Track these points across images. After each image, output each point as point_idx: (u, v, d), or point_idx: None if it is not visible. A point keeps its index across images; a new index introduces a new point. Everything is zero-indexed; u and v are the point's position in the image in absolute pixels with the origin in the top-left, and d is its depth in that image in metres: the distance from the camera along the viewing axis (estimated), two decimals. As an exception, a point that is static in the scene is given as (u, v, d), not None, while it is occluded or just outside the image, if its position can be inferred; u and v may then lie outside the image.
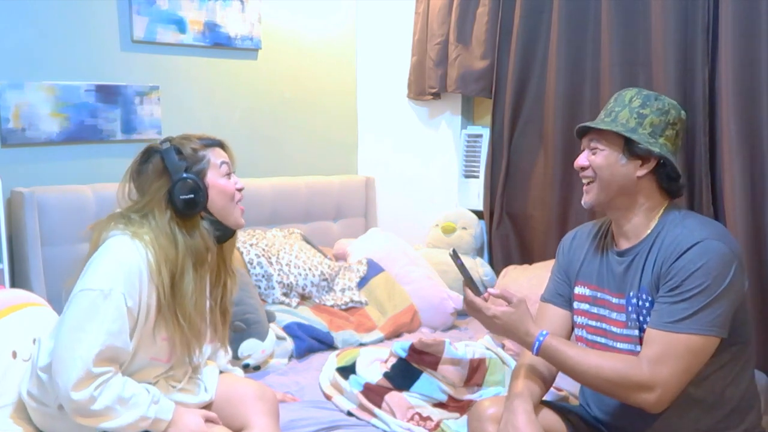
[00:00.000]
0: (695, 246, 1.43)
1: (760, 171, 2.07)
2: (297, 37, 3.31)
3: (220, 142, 1.71)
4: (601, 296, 1.60)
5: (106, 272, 1.51)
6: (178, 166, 1.60)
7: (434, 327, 2.79)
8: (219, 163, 1.66)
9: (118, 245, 1.55)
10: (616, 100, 1.58)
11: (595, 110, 2.56)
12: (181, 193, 1.58)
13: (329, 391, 2.10)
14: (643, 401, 1.41)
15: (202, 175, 1.63)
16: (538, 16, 2.76)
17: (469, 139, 3.17)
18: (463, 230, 3.08)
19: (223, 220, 1.67)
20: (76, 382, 1.44)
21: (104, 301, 1.47)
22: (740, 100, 2.07)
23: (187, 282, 1.59)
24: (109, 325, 1.48)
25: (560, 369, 1.53)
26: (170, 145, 1.62)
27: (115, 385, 1.49)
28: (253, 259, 2.63)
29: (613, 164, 1.53)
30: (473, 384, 2.07)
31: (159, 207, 1.59)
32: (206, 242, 1.63)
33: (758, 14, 2.02)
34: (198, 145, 1.65)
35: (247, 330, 2.27)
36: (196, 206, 1.60)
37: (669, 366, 1.40)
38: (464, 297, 1.58)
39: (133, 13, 2.72)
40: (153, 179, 1.61)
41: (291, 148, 3.35)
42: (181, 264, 1.58)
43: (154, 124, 2.79)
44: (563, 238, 1.79)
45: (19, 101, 2.46)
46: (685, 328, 1.40)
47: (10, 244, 2.41)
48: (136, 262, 1.53)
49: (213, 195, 1.64)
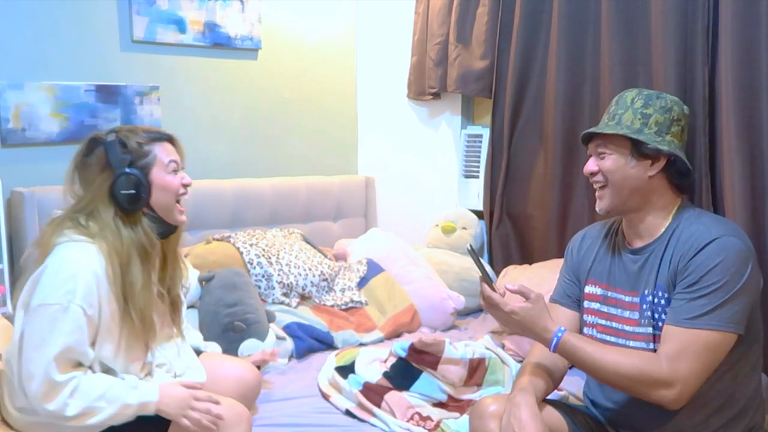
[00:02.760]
0: (713, 242, 1.43)
1: (760, 171, 2.06)
2: (297, 37, 3.31)
3: (169, 137, 1.68)
4: (612, 295, 1.60)
5: (63, 284, 1.48)
6: (121, 159, 1.57)
7: (434, 327, 2.79)
8: (167, 162, 1.63)
9: (71, 254, 1.52)
10: (618, 102, 1.58)
11: (595, 110, 2.57)
12: (123, 188, 1.55)
13: (327, 391, 2.10)
14: (662, 397, 1.41)
15: (147, 171, 1.60)
16: (538, 16, 2.76)
17: (469, 139, 3.17)
18: (463, 230, 3.08)
19: (165, 217, 1.65)
20: (42, 394, 1.44)
21: (63, 314, 1.46)
22: (740, 100, 2.07)
23: (134, 274, 1.57)
24: (66, 338, 1.46)
25: (578, 366, 1.52)
26: (115, 138, 1.59)
27: (86, 385, 1.48)
28: (253, 259, 2.63)
29: (623, 167, 1.53)
30: (473, 384, 2.07)
31: (103, 203, 1.56)
32: (149, 237, 1.61)
33: (758, 14, 2.02)
34: (144, 139, 1.62)
35: (247, 330, 2.27)
36: (137, 202, 1.58)
37: (688, 362, 1.39)
38: (481, 293, 1.55)
39: (133, 13, 2.72)
40: (96, 173, 1.58)
41: (291, 148, 3.35)
42: (127, 257, 1.56)
43: (154, 124, 2.79)
44: (572, 239, 1.80)
45: (19, 101, 2.46)
46: (704, 324, 1.40)
47: (10, 244, 2.41)
48: (92, 269, 1.51)
49: (156, 192, 1.61)
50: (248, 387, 1.86)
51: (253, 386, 1.90)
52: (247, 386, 1.86)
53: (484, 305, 1.56)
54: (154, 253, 1.65)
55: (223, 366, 1.90)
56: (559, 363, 1.63)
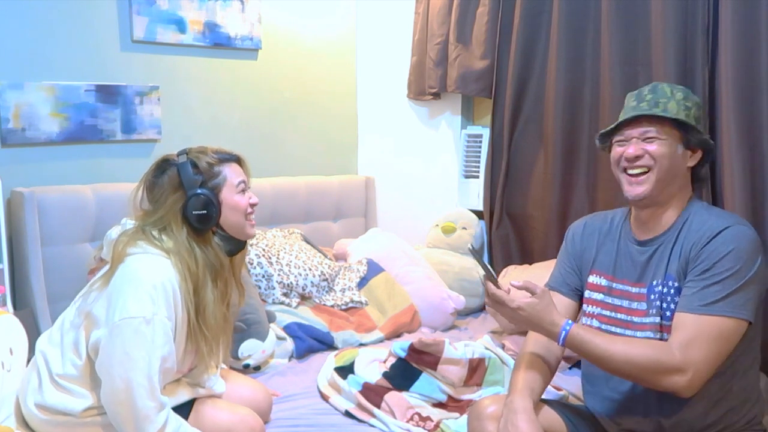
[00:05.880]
0: (726, 230, 1.45)
1: (760, 170, 2.06)
2: (297, 37, 3.31)
3: (237, 157, 1.73)
4: (617, 286, 1.60)
5: (144, 297, 1.50)
6: (193, 180, 1.61)
7: (434, 327, 2.79)
8: (236, 183, 1.68)
9: (149, 266, 1.55)
10: (655, 91, 1.57)
11: (595, 110, 2.57)
12: (195, 209, 1.59)
13: (327, 391, 2.10)
14: (675, 384, 1.40)
15: (217, 191, 1.64)
16: (538, 16, 2.76)
17: (469, 139, 3.17)
18: (463, 230, 3.08)
19: (234, 234, 1.70)
20: (147, 413, 1.47)
21: (148, 326, 1.48)
22: (740, 100, 2.07)
23: (208, 294, 1.61)
24: (161, 350, 1.50)
25: (587, 357, 1.52)
26: (186, 159, 1.63)
27: (173, 425, 1.52)
28: (253, 259, 2.63)
29: (673, 153, 1.54)
30: (473, 384, 2.07)
31: (176, 221, 1.60)
32: (219, 256, 1.66)
33: (758, 14, 2.02)
34: (214, 160, 1.66)
35: (247, 330, 2.27)
36: (209, 222, 1.62)
37: (701, 349, 1.39)
38: (486, 291, 1.55)
39: (133, 13, 2.72)
40: (168, 192, 1.62)
41: (291, 148, 3.35)
42: (201, 277, 1.60)
43: (154, 124, 2.79)
44: (572, 226, 1.79)
45: (19, 101, 2.46)
46: (718, 310, 1.40)
47: (10, 244, 2.41)
48: (170, 282, 1.54)
49: (226, 211, 1.65)
50: (260, 409, 1.85)
51: (263, 409, 1.88)
52: (259, 407, 1.85)
53: (489, 303, 1.56)
54: (224, 272, 1.69)
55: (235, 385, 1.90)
56: (555, 349, 1.64)
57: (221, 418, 1.69)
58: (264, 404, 1.89)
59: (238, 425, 1.68)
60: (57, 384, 1.57)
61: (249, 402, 1.83)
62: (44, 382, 1.58)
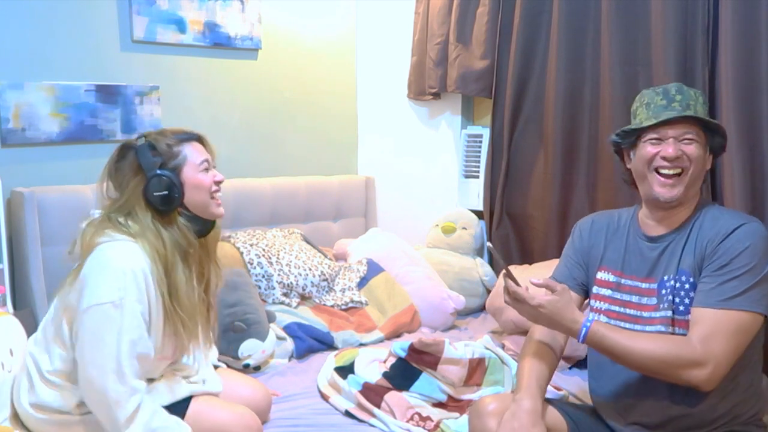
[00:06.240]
0: (741, 227, 1.48)
1: (760, 170, 2.07)
2: (297, 37, 3.31)
3: (198, 136, 1.72)
4: (626, 282, 1.61)
5: (112, 282, 1.50)
6: (152, 162, 1.60)
7: (434, 327, 2.79)
8: (198, 162, 1.66)
9: (116, 252, 1.54)
10: (682, 92, 1.56)
11: (596, 110, 2.57)
12: (156, 190, 1.58)
13: (327, 391, 2.10)
14: (695, 378, 1.42)
15: (178, 171, 1.63)
16: (538, 16, 2.76)
17: (469, 139, 3.17)
18: (463, 230, 3.08)
19: (201, 214, 1.68)
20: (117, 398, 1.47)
21: (116, 310, 1.48)
22: (740, 100, 2.07)
23: (179, 275, 1.60)
24: (130, 334, 1.49)
25: (607, 354, 1.52)
26: (145, 142, 1.62)
27: (147, 411, 1.51)
28: (253, 259, 2.63)
29: (703, 156, 1.56)
30: (473, 384, 2.07)
31: (139, 205, 1.59)
32: (187, 237, 1.64)
33: (758, 14, 2.02)
34: (173, 141, 1.65)
35: (247, 330, 2.27)
36: (171, 202, 1.61)
37: (720, 343, 1.42)
38: (505, 288, 1.55)
39: (133, 13, 2.72)
40: (129, 177, 1.61)
41: (291, 148, 3.35)
42: (171, 259, 1.59)
43: (154, 124, 2.79)
44: (579, 222, 1.79)
45: (19, 101, 2.46)
46: (736, 305, 1.43)
47: (10, 244, 2.41)
48: (139, 266, 1.53)
49: (189, 191, 1.64)
50: (259, 408, 1.85)
51: (262, 408, 1.88)
52: (258, 406, 1.85)
53: (509, 301, 1.56)
54: (194, 252, 1.67)
55: (234, 384, 1.89)
56: (559, 338, 1.66)
57: (218, 416, 1.69)
58: (263, 404, 1.89)
59: (235, 424, 1.68)
60: (48, 381, 1.57)
61: (248, 401, 1.82)
62: (35, 381, 1.58)
